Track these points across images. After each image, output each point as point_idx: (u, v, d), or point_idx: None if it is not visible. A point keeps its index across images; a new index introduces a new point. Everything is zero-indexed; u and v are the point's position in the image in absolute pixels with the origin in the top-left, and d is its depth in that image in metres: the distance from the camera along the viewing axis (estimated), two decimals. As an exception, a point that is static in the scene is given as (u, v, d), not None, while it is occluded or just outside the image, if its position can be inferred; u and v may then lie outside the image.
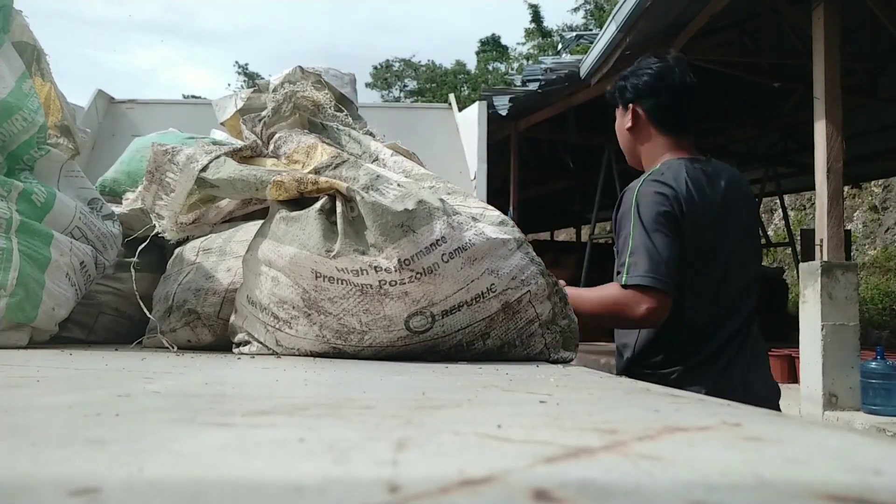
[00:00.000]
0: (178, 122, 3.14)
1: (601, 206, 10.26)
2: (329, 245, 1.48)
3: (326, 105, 1.92)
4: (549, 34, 23.13)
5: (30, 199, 1.75)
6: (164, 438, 0.54)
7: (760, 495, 0.39)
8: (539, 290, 1.59)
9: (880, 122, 9.03)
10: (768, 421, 0.68)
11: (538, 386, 1.04)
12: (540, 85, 8.21)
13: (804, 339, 4.90)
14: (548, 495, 0.38)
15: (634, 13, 5.79)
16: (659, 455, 0.49)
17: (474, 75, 24.36)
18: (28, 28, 1.99)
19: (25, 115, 1.79)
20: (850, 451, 0.53)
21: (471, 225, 1.53)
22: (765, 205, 13.73)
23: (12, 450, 0.48)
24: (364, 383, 1.05)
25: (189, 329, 1.82)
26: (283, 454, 0.48)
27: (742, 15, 7.23)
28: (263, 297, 1.60)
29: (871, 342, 9.43)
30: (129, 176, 2.41)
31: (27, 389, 0.88)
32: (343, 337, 1.51)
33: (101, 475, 0.41)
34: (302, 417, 0.66)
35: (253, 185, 1.62)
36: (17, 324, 1.65)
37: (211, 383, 1.00)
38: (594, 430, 0.59)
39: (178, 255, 2.07)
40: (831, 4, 5.14)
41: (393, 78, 27.34)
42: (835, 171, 5.01)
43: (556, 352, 1.63)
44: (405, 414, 0.68)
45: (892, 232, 14.36)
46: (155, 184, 1.73)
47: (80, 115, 3.50)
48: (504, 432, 0.57)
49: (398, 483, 0.40)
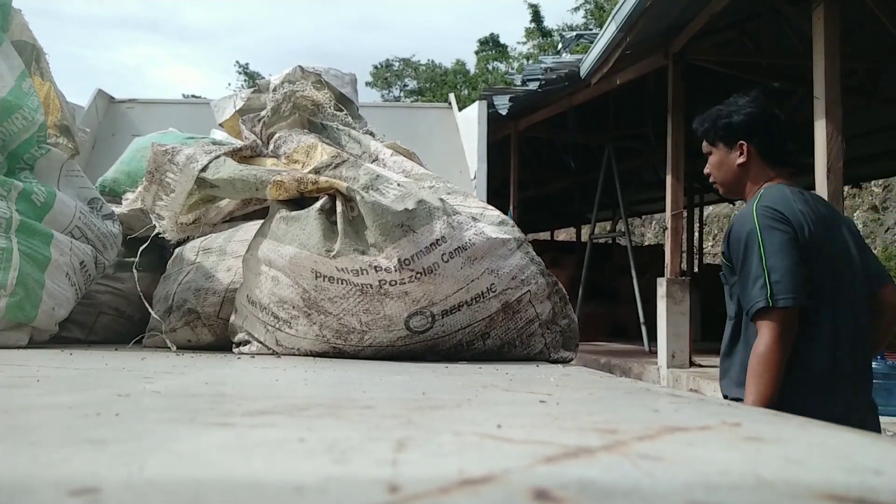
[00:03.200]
0: (177, 122, 3.14)
1: (601, 205, 10.25)
2: (329, 245, 1.48)
3: (326, 105, 1.92)
4: (550, 34, 23.12)
5: (30, 198, 1.75)
6: (164, 438, 0.54)
7: (760, 495, 0.39)
8: (539, 289, 1.59)
9: (880, 122, 9.03)
10: (768, 421, 0.68)
11: (538, 386, 1.04)
12: (540, 84, 8.20)
13: (804, 338, 4.89)
14: (548, 495, 0.38)
15: (634, 13, 5.78)
16: (659, 455, 0.49)
17: (474, 75, 24.35)
18: (27, 27, 1.99)
19: (25, 113, 1.79)
20: (850, 451, 0.53)
21: (471, 225, 1.53)
22: (765, 205, 13.71)
23: (12, 450, 0.48)
24: (364, 383, 1.05)
25: (189, 329, 1.82)
26: (283, 454, 0.48)
27: (742, 15, 7.22)
28: (263, 296, 1.60)
29: (871, 342, 9.42)
30: (129, 176, 2.41)
31: (27, 389, 0.88)
32: (343, 336, 1.51)
33: (101, 475, 0.41)
34: (302, 417, 0.66)
35: (253, 184, 1.62)
36: (17, 323, 1.65)
37: (211, 383, 1.00)
38: (594, 429, 0.59)
39: (178, 255, 2.07)
40: (831, 4, 5.13)
41: (393, 77, 27.32)
42: (835, 171, 5.00)
43: (556, 351, 1.63)
44: (405, 414, 0.68)
45: (892, 232, 14.37)
46: (155, 184, 1.73)
47: (80, 115, 3.50)
48: (504, 432, 0.57)
49: (398, 483, 0.40)
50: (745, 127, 1.94)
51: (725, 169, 1.99)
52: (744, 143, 1.94)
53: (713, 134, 1.99)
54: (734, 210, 17.67)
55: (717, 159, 2.00)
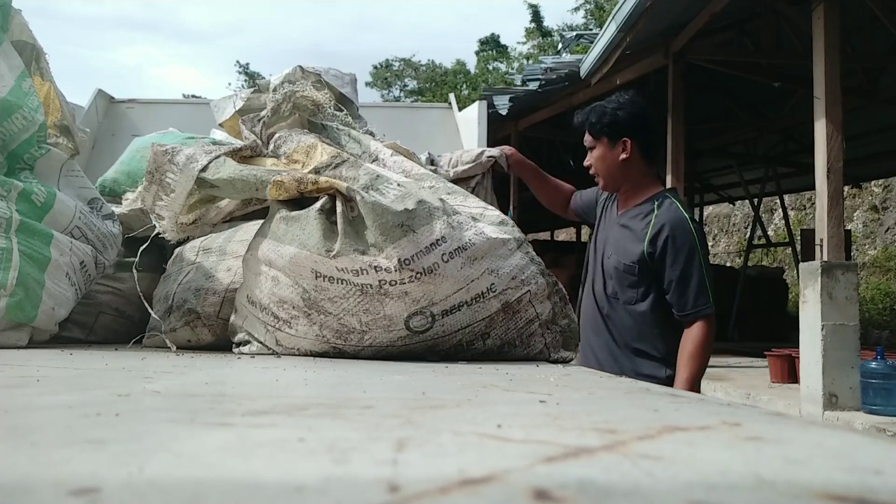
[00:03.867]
0: (178, 122, 3.14)
1: (601, 205, 10.23)
2: (329, 245, 1.48)
3: (326, 105, 1.92)
4: (550, 34, 23.13)
5: (30, 198, 1.75)
6: (164, 438, 0.54)
7: (760, 495, 0.39)
8: (539, 289, 1.59)
9: (880, 122, 9.03)
10: (768, 421, 0.68)
11: (538, 386, 1.04)
12: (540, 84, 8.21)
13: (804, 339, 4.89)
14: (548, 495, 0.38)
15: (634, 13, 5.78)
16: (659, 455, 0.49)
17: (474, 75, 24.34)
18: (27, 27, 1.99)
19: (25, 113, 1.79)
20: (850, 451, 0.53)
21: (471, 225, 1.53)
22: (765, 205, 13.73)
23: (12, 450, 0.48)
24: (364, 383, 1.05)
25: (189, 329, 1.82)
26: (283, 454, 0.48)
27: (742, 15, 7.22)
28: (263, 296, 1.60)
29: (872, 342, 9.43)
30: (129, 176, 2.41)
31: (27, 389, 0.88)
32: (343, 336, 1.51)
33: (101, 475, 0.41)
34: (302, 417, 0.66)
35: (253, 184, 1.62)
36: (17, 323, 1.65)
37: (211, 383, 1.00)
38: (594, 429, 0.59)
39: (178, 255, 2.07)
40: (831, 4, 5.13)
41: (393, 77, 27.32)
42: (835, 171, 5.01)
43: (556, 351, 1.63)
44: (405, 414, 0.68)
45: (892, 232, 14.37)
46: (155, 184, 1.73)
47: (80, 115, 3.50)
48: (504, 432, 0.57)
49: (398, 483, 0.40)
50: (629, 125, 2.09)
51: (609, 163, 2.13)
52: (627, 139, 2.09)
53: (599, 128, 2.12)
54: (734, 210, 17.69)
55: (600, 153, 2.14)
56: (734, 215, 17.97)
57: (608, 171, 2.14)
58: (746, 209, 15.85)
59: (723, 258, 17.46)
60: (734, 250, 17.27)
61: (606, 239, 2.18)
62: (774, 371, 6.59)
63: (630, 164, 2.10)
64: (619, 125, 2.09)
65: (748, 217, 15.39)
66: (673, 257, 2.01)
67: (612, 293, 2.11)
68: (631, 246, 2.06)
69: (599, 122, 2.11)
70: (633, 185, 2.13)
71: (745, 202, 14.20)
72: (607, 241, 2.17)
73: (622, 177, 2.13)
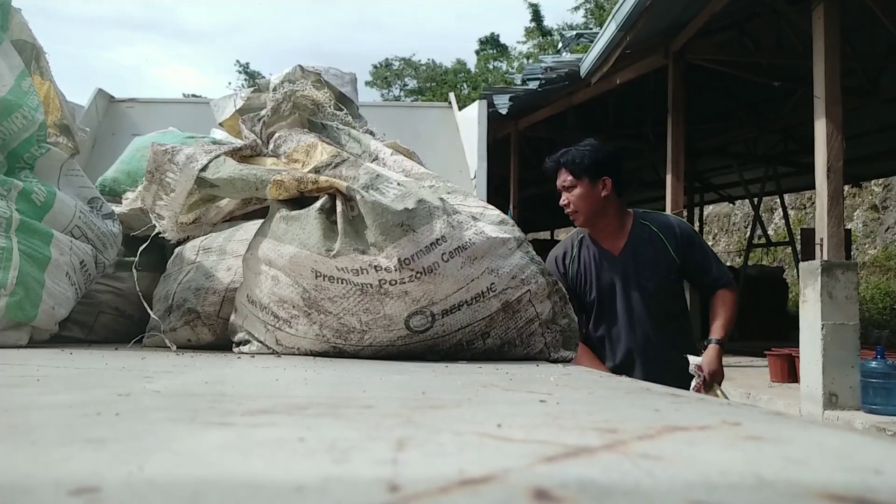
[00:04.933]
0: (178, 122, 3.14)
1: (601, 205, 10.22)
2: (329, 244, 1.48)
3: (326, 104, 1.92)
4: (550, 33, 23.13)
5: (30, 198, 1.74)
6: (164, 438, 0.54)
7: (760, 495, 0.39)
8: (539, 289, 1.59)
9: (880, 121, 9.03)
10: (768, 420, 0.68)
11: (538, 385, 1.04)
12: (540, 84, 8.20)
13: (804, 338, 4.89)
14: (548, 495, 0.38)
15: (634, 12, 5.78)
16: (659, 454, 0.49)
17: (475, 74, 24.34)
18: (27, 26, 1.98)
19: (25, 112, 1.79)
20: (850, 451, 0.53)
21: (471, 224, 1.53)
22: (765, 204, 13.73)
23: (12, 449, 0.48)
24: (364, 382, 1.05)
25: (189, 328, 1.82)
26: (283, 454, 0.48)
27: (742, 15, 7.22)
28: (263, 296, 1.60)
29: (872, 341, 9.43)
30: (129, 175, 2.41)
31: (27, 389, 0.88)
32: (343, 336, 1.51)
33: (101, 475, 0.41)
34: (302, 417, 0.66)
35: (253, 184, 1.62)
36: (17, 323, 1.65)
37: (211, 382, 1.00)
38: (594, 429, 0.59)
39: (179, 255, 2.07)
40: (831, 4, 5.13)
41: (393, 77, 27.31)
42: (835, 171, 5.01)
43: (556, 351, 1.63)
44: (405, 413, 0.68)
45: (892, 231, 14.36)
46: (155, 184, 1.73)
47: (80, 114, 3.50)
48: (504, 432, 0.57)
49: (398, 483, 0.40)
50: (608, 164, 2.34)
51: (591, 200, 2.33)
52: (607, 178, 2.32)
53: (581, 169, 2.33)
54: (734, 209, 17.69)
55: (582, 192, 2.34)
56: (734, 215, 17.98)
57: (590, 208, 2.33)
58: (746, 208, 15.85)
59: (723, 257, 17.45)
60: (734, 249, 17.27)
61: (625, 271, 2.34)
62: (774, 370, 6.60)
63: (609, 200, 2.33)
64: (600, 165, 2.32)
65: (748, 216, 15.40)
66: (691, 247, 2.35)
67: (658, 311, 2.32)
68: (662, 262, 2.32)
69: (582, 164, 2.32)
70: (613, 218, 2.36)
71: (745, 201, 14.20)
72: (626, 272, 2.34)
73: (602, 212, 2.34)
